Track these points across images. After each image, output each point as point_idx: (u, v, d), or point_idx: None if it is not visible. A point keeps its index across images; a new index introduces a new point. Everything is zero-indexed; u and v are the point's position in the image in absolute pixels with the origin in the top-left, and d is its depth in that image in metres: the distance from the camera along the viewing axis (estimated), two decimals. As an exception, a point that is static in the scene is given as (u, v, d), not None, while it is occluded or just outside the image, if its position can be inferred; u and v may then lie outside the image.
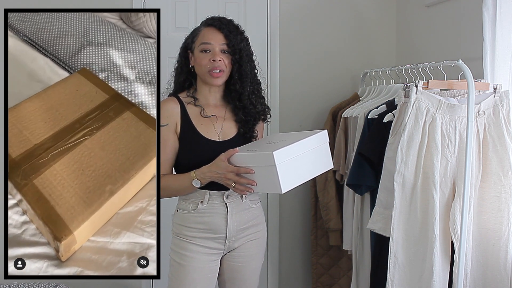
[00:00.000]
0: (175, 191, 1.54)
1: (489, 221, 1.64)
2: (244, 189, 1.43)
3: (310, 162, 1.46)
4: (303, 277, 2.68)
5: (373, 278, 1.92)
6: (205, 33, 1.52)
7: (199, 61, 1.51)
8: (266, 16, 2.53)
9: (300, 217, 2.65)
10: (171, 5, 2.44)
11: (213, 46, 1.50)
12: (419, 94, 1.61)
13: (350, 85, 2.62)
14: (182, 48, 1.60)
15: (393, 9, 2.66)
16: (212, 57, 1.49)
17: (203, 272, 1.55)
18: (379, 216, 1.72)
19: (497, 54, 1.72)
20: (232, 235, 1.55)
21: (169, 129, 1.52)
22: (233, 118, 1.59)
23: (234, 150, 1.44)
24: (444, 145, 1.61)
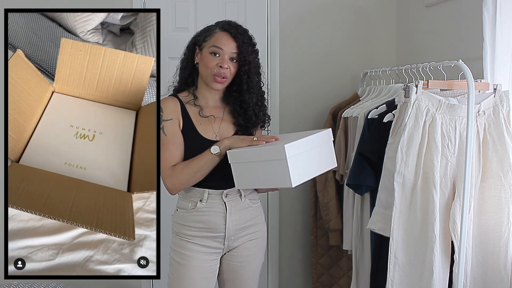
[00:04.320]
0: (195, 170, 1.49)
1: (489, 221, 1.64)
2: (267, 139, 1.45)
3: (317, 159, 1.47)
4: (303, 277, 2.68)
5: (373, 278, 1.92)
6: (219, 37, 1.52)
7: (206, 62, 1.51)
8: (266, 16, 2.53)
9: (300, 217, 2.65)
10: (171, 5, 2.44)
11: (223, 52, 1.51)
12: (419, 94, 1.61)
13: (350, 85, 2.62)
14: (192, 43, 1.59)
15: (393, 9, 2.66)
16: (220, 63, 1.50)
17: (202, 271, 1.55)
18: (379, 216, 1.72)
19: (497, 54, 1.72)
20: (231, 234, 1.55)
21: (175, 123, 1.53)
22: (231, 121, 1.60)
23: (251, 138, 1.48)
24: (444, 145, 1.61)
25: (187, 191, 1.56)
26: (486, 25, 1.72)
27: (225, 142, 1.48)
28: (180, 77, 1.62)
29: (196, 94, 1.59)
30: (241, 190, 1.57)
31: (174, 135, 1.52)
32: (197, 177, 1.51)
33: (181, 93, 1.60)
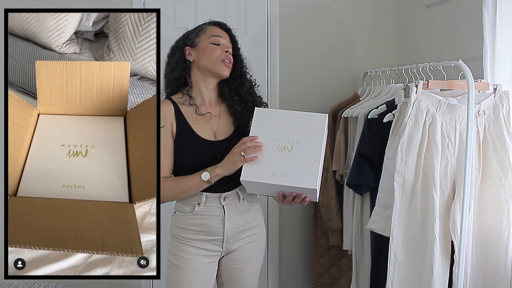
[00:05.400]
0: (181, 190, 1.51)
1: (489, 221, 1.64)
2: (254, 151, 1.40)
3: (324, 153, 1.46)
4: (303, 277, 2.68)
5: (373, 278, 1.92)
6: (214, 29, 1.59)
7: (210, 52, 1.54)
8: (266, 16, 2.53)
9: (300, 217, 2.65)
10: (171, 5, 2.44)
11: (224, 41, 1.57)
12: (419, 94, 1.61)
13: (350, 85, 2.62)
14: (181, 44, 1.60)
15: (393, 9, 2.66)
16: (225, 49, 1.56)
17: (200, 274, 1.54)
18: (379, 216, 1.72)
19: (497, 54, 1.72)
20: (229, 237, 1.55)
21: (166, 131, 1.52)
22: (229, 116, 1.59)
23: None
24: (444, 145, 1.61)
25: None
26: (486, 25, 1.72)
27: (217, 171, 1.45)
28: (170, 79, 1.62)
29: (191, 94, 1.58)
30: (239, 193, 1.56)
31: (165, 145, 1.51)
32: (182, 197, 1.54)
33: (175, 95, 1.60)
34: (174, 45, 1.64)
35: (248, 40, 2.46)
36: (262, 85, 1.67)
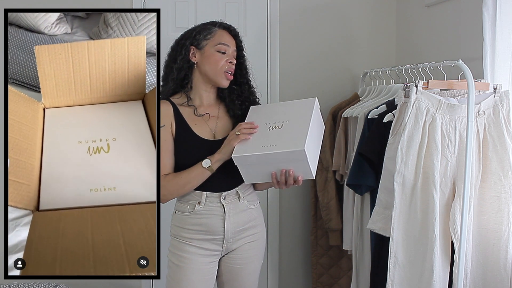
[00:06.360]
0: (185, 182, 1.49)
1: (489, 221, 1.64)
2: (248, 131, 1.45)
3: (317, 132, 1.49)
4: (303, 277, 2.68)
5: (373, 278, 1.92)
6: (223, 35, 1.55)
7: (215, 60, 1.52)
8: (266, 16, 2.53)
9: (300, 217, 2.65)
10: (171, 5, 2.44)
11: (230, 50, 1.55)
12: (419, 94, 1.61)
13: (350, 85, 2.62)
14: (188, 43, 1.55)
15: (393, 9, 2.66)
16: (229, 59, 1.54)
17: (200, 274, 1.54)
18: (379, 216, 1.72)
19: (497, 54, 1.72)
20: (230, 236, 1.55)
21: (167, 130, 1.52)
22: (227, 116, 1.59)
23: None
24: (444, 145, 1.61)
25: (185, 194, 1.55)
26: (486, 25, 1.73)
27: (216, 156, 1.47)
28: (174, 79, 1.56)
29: (190, 96, 1.57)
30: (239, 192, 1.56)
31: (166, 143, 1.51)
32: (186, 189, 1.51)
33: (173, 96, 1.58)
34: (180, 41, 1.57)
35: (248, 40, 2.43)
36: (262, 85, 1.67)
